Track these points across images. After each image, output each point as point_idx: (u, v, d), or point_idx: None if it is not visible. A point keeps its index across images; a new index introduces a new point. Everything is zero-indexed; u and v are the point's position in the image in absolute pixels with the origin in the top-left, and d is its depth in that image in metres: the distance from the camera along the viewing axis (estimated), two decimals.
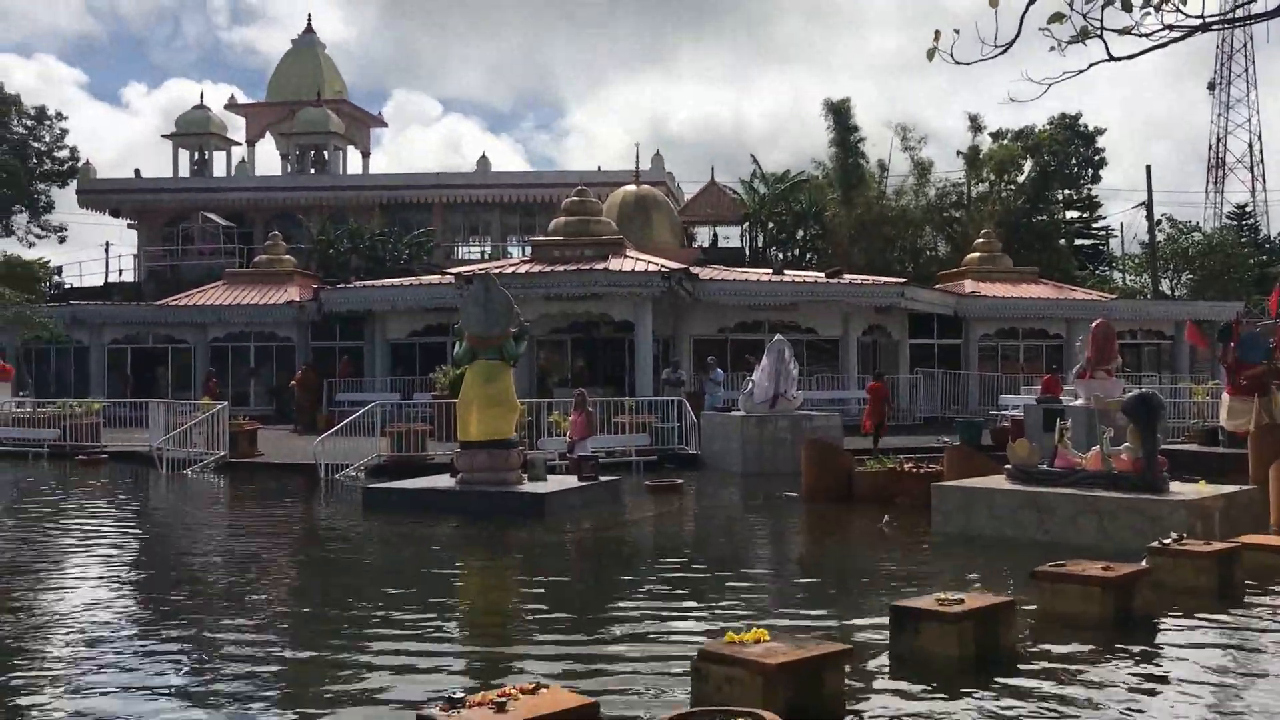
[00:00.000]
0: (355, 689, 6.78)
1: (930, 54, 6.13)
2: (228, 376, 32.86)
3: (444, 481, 16.02)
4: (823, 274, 30.82)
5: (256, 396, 32.87)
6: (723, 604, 9.27)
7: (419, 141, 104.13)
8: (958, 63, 6.29)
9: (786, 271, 31.84)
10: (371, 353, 31.72)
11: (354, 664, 7.37)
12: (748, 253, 44.57)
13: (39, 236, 46.75)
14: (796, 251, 45.67)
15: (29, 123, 45.66)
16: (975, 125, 45.44)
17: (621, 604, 9.39)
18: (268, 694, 6.81)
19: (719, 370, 25.31)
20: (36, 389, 31.10)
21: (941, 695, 6.39)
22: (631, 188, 37.49)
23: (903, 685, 6.61)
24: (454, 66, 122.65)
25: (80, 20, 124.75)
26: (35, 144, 45.52)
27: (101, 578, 10.82)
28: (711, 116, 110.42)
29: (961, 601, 6.99)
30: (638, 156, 39.89)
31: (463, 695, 4.90)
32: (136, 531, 14.56)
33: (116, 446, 23.35)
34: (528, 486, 15.24)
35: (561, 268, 27.14)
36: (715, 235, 46.87)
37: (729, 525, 15.05)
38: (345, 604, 9.44)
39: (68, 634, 8.26)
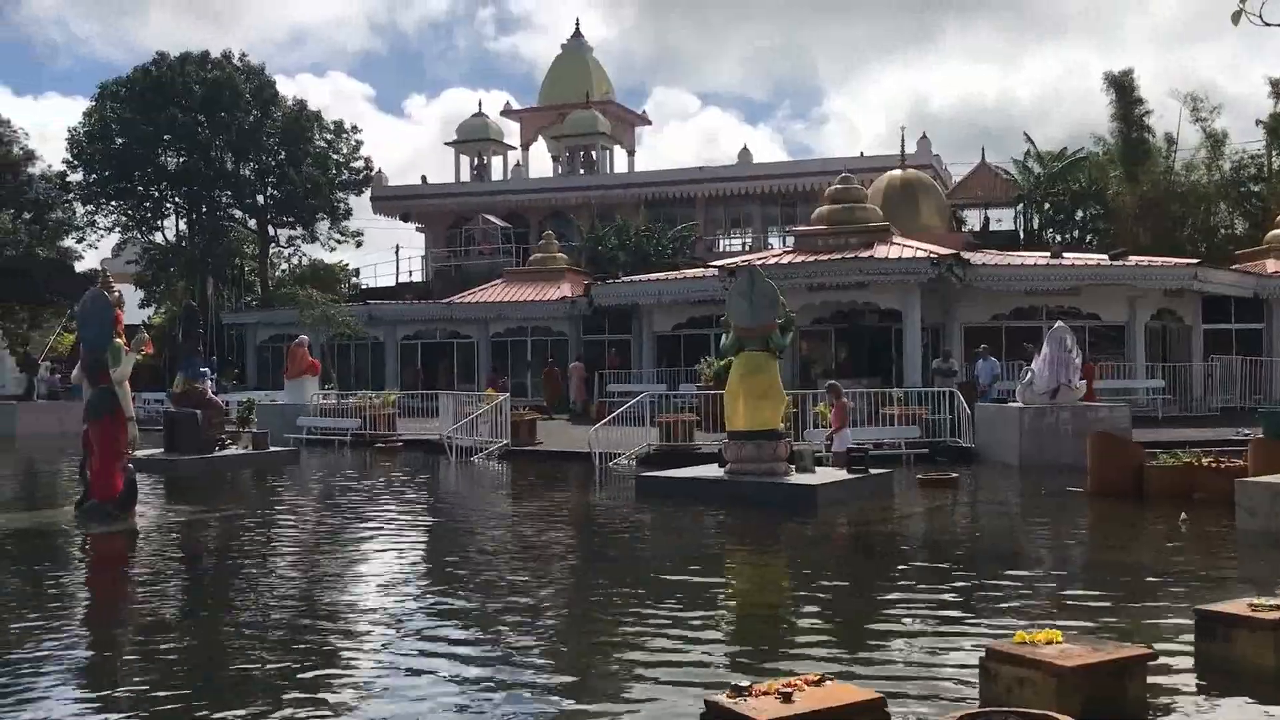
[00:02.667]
0: (631, 675, 6.97)
1: (1236, 17, 5.72)
2: (508, 369, 34.70)
3: (713, 471, 16.25)
4: (1105, 256, 29.10)
5: (533, 388, 34.49)
6: (1003, 603, 8.96)
7: (678, 137, 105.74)
8: (1267, 24, 5.84)
9: (1065, 254, 30.24)
10: (638, 345, 32.62)
11: (628, 650, 7.61)
12: (1022, 235, 42.60)
13: (339, 241, 50.72)
14: (1075, 233, 43.22)
15: (329, 136, 49.60)
16: (1277, 91, 41.51)
17: (896, 599, 9.26)
18: (546, 677, 7.10)
19: (993, 359, 24.41)
20: (339, 382, 33.80)
21: (1256, 708, 5.94)
22: (897, 172, 36.62)
23: (1211, 695, 6.19)
24: (710, 60, 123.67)
25: (365, 39, 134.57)
26: (335, 156, 49.38)
27: (398, 554, 11.69)
28: (977, 95, 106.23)
29: (1278, 608, 6.46)
30: (903, 140, 38.89)
31: (749, 684, 5.00)
32: (432, 513, 15.58)
33: (410, 435, 25.09)
34: (796, 478, 15.24)
35: (825, 257, 26.91)
36: (986, 218, 45.09)
37: (1008, 521, 14.50)
38: (620, 590, 9.75)
39: (362, 612, 8.97)
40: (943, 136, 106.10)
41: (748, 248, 45.57)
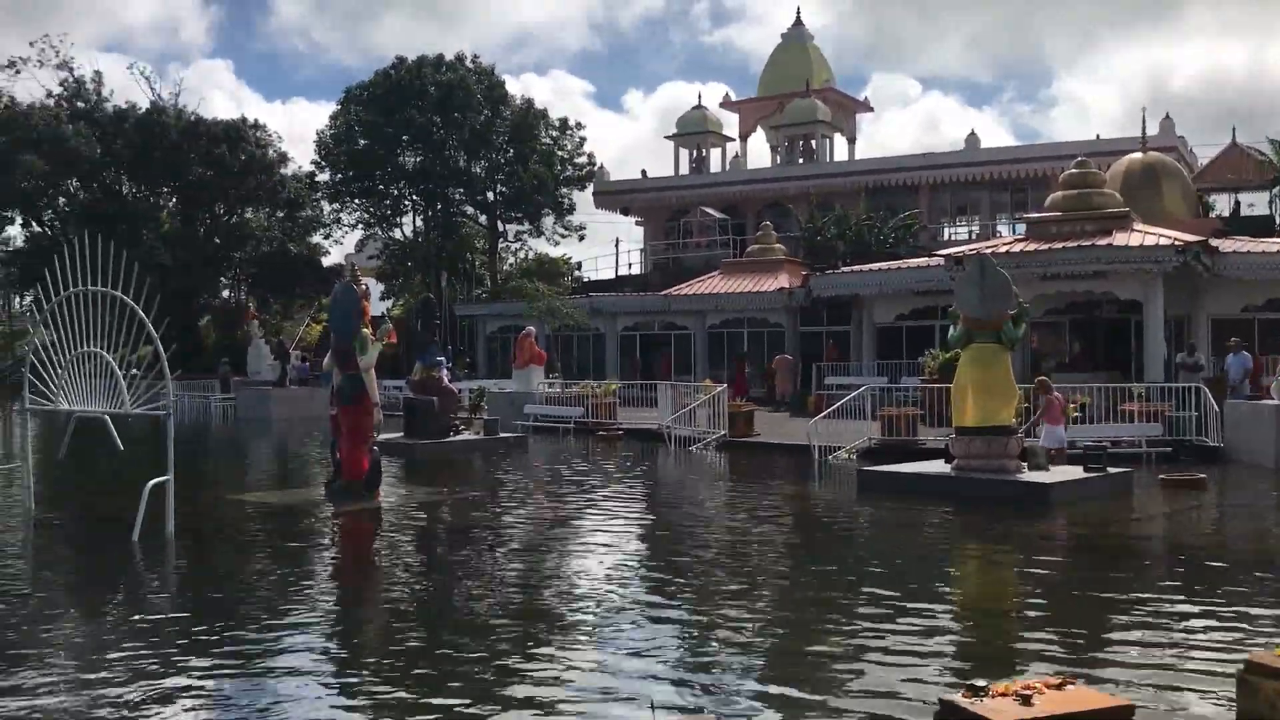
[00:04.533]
0: (861, 670, 6.92)
1: None
2: (722, 360, 34.86)
3: (938, 467, 15.86)
4: None
5: (751, 380, 34.52)
6: (1254, 612, 8.38)
7: (899, 123, 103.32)
8: None
9: None
10: (858, 336, 32.12)
11: (857, 644, 7.55)
12: (1277, 221, 39.48)
13: (562, 235, 52.38)
14: None
15: (554, 134, 51.16)
16: None
17: (1135, 604, 8.79)
18: (775, 669, 7.13)
19: (1245, 353, 22.74)
20: (563, 372, 34.84)
21: None
22: (1137, 155, 34.60)
23: None
24: (932, 43, 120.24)
25: (585, 38, 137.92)
26: (560, 153, 50.90)
27: (621, 539, 11.98)
28: (1225, 71, 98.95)
29: None
30: (1144, 121, 36.74)
31: (986, 684, 4.89)
32: (653, 500, 15.85)
33: (630, 424, 25.61)
34: (1028, 476, 14.70)
35: (1060, 244, 25.74)
36: (1237, 203, 41.96)
37: (1260, 525, 13.51)
38: (843, 586, 9.67)
39: (580, 597, 9.24)
40: (1187, 117, 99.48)
41: (974, 236, 44.10)
